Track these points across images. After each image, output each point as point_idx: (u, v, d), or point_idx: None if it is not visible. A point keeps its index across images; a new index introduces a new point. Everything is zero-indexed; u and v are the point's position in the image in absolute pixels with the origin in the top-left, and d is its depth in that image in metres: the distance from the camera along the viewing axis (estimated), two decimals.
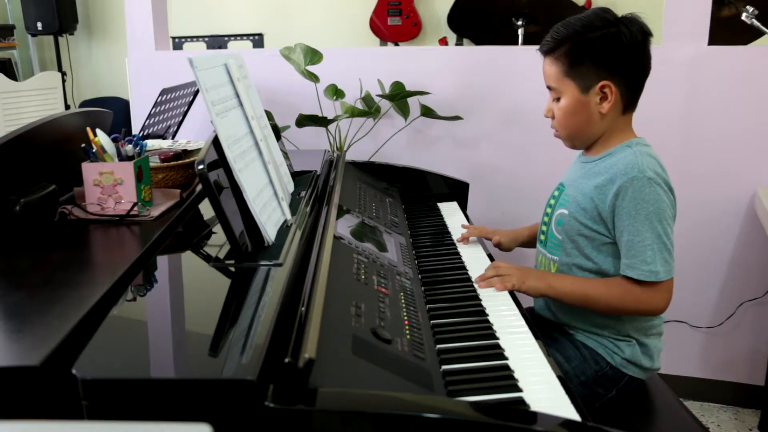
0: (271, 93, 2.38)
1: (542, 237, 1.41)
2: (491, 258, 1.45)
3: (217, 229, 1.14)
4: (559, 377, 0.93)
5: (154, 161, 1.37)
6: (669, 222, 1.20)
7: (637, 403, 1.29)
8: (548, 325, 1.37)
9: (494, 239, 1.54)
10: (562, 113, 1.27)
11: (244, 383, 0.68)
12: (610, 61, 1.22)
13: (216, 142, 1.04)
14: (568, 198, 1.33)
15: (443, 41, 4.01)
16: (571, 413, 0.84)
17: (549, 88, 1.29)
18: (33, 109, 3.00)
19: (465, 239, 1.52)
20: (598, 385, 1.28)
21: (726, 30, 2.44)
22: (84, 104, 4.49)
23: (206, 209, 1.31)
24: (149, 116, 2.00)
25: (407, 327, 0.99)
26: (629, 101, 1.26)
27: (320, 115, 2.15)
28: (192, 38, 4.41)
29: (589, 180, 1.28)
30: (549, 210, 1.40)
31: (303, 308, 0.87)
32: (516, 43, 3.39)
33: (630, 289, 1.20)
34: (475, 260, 1.40)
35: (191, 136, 2.48)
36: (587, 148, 1.34)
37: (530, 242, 1.54)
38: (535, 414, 0.79)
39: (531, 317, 1.16)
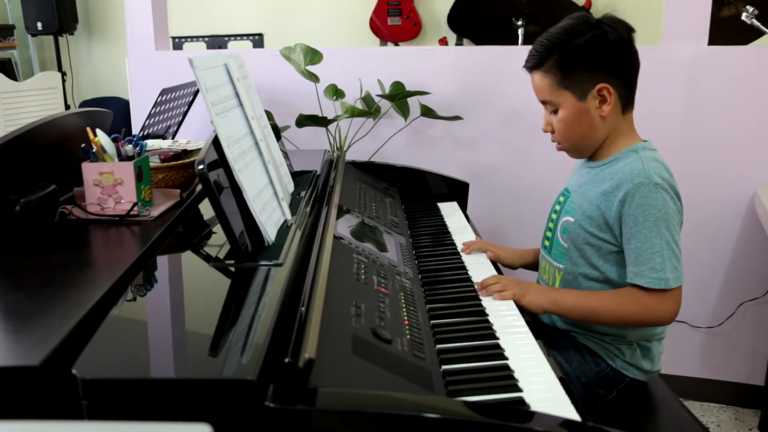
0: (271, 93, 2.38)
1: (546, 243, 1.38)
2: (491, 259, 1.45)
3: (217, 229, 1.14)
4: (559, 377, 0.93)
5: (154, 161, 1.37)
6: (676, 228, 1.17)
7: (637, 403, 1.29)
8: (549, 326, 1.36)
9: (491, 254, 1.44)
10: (563, 125, 1.25)
11: (244, 383, 0.68)
12: (602, 62, 1.20)
13: (216, 142, 1.04)
14: (574, 205, 1.30)
15: (443, 41, 4.01)
16: (571, 413, 0.84)
17: (544, 102, 1.27)
18: (33, 109, 2.99)
19: (467, 249, 1.45)
20: (599, 386, 1.28)
21: (726, 30, 2.44)
22: (84, 104, 4.49)
23: (206, 209, 1.31)
24: (149, 116, 2.00)
25: (407, 327, 0.99)
26: (627, 100, 1.25)
27: (320, 115, 2.15)
28: (192, 38, 4.41)
29: (595, 187, 1.26)
30: (554, 216, 1.37)
31: (303, 308, 0.87)
32: (516, 43, 3.39)
33: (639, 300, 1.17)
34: (475, 261, 1.40)
35: (191, 136, 2.48)
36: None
37: (536, 266, 1.49)
38: (535, 414, 0.79)
39: (532, 320, 1.16)
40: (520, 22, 3.39)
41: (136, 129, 2.49)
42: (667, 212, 1.16)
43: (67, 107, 4.02)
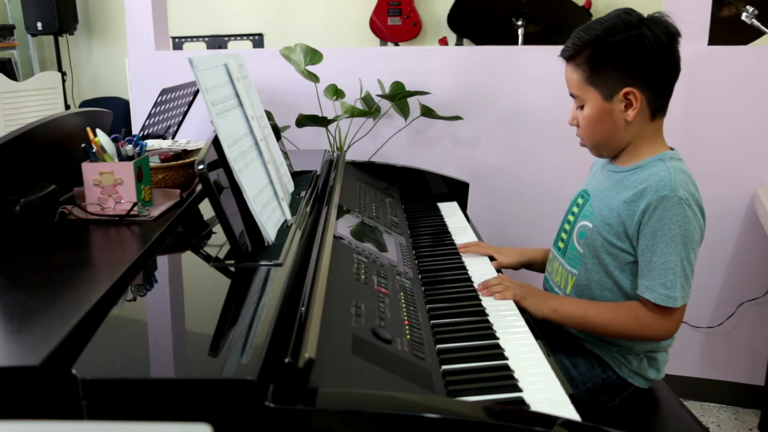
0: (271, 93, 2.39)
1: (561, 245, 1.35)
2: (492, 260, 1.44)
3: (217, 229, 1.14)
4: (559, 377, 0.93)
5: (154, 161, 1.37)
6: (694, 246, 1.15)
7: (637, 403, 1.29)
8: (556, 328, 1.34)
9: (495, 262, 1.43)
10: (587, 122, 1.22)
11: (244, 383, 0.68)
12: (633, 66, 1.16)
13: (216, 142, 1.04)
14: (593, 210, 1.26)
15: (443, 41, 4.01)
16: (571, 413, 0.84)
17: (572, 95, 1.24)
18: (33, 109, 2.99)
19: (463, 249, 1.45)
20: (603, 393, 1.27)
21: (726, 30, 2.44)
22: (84, 104, 4.49)
23: (206, 209, 1.31)
24: (149, 116, 2.00)
25: (407, 327, 0.99)
26: (657, 107, 1.21)
27: (320, 115, 2.15)
28: (192, 38, 4.41)
29: (618, 193, 1.22)
30: (571, 218, 1.33)
31: (303, 308, 0.87)
32: (516, 43, 3.39)
33: (639, 316, 1.16)
34: (475, 261, 1.40)
35: (191, 136, 2.48)
36: (614, 156, 1.28)
37: (539, 267, 1.48)
38: (535, 414, 0.79)
39: (535, 321, 1.15)
40: (520, 22, 3.38)
41: (136, 129, 2.49)
42: (687, 229, 1.13)
43: (67, 107, 4.01)
